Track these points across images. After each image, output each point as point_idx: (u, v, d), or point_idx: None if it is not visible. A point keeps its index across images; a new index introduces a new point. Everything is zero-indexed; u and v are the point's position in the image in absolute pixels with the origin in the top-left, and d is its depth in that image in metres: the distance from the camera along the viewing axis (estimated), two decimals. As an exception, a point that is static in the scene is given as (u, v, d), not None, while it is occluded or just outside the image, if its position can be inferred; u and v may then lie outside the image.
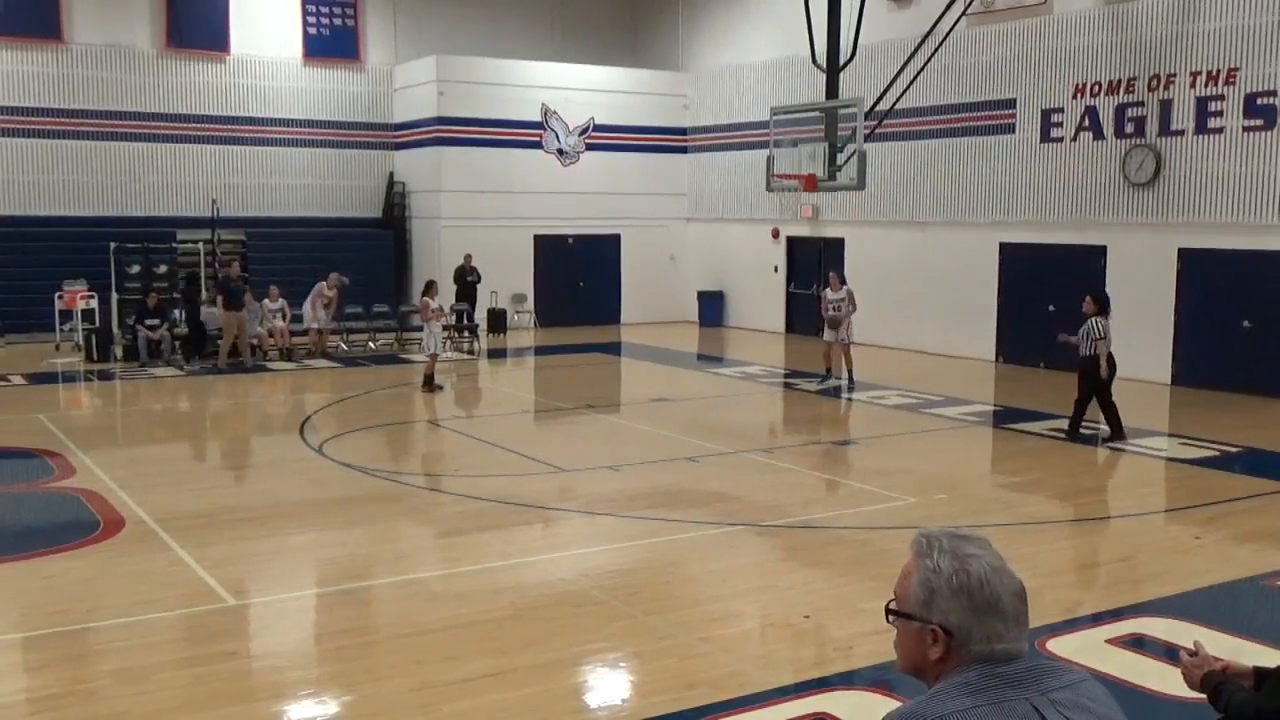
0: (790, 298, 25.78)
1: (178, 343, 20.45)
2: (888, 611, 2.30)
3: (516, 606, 7.76)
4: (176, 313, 21.14)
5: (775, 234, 25.79)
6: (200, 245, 23.69)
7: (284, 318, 21.30)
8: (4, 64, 23.27)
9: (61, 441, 13.25)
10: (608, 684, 6.76)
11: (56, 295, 21.51)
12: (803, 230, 25.11)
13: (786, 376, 19.82)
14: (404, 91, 26.80)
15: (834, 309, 18.18)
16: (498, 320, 25.36)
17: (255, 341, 20.80)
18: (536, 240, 26.70)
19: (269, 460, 13.26)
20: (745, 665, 6.82)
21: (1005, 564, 2.24)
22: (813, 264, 24.97)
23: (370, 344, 22.89)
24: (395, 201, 27.09)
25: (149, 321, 20.12)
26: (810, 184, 18.53)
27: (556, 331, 25.81)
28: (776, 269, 25.91)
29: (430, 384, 17.17)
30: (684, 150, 28.26)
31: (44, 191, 23.79)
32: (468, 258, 24.28)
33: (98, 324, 21.04)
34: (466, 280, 24.06)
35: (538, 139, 26.55)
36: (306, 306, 21.76)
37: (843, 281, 18.68)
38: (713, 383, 19.34)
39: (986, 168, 20.74)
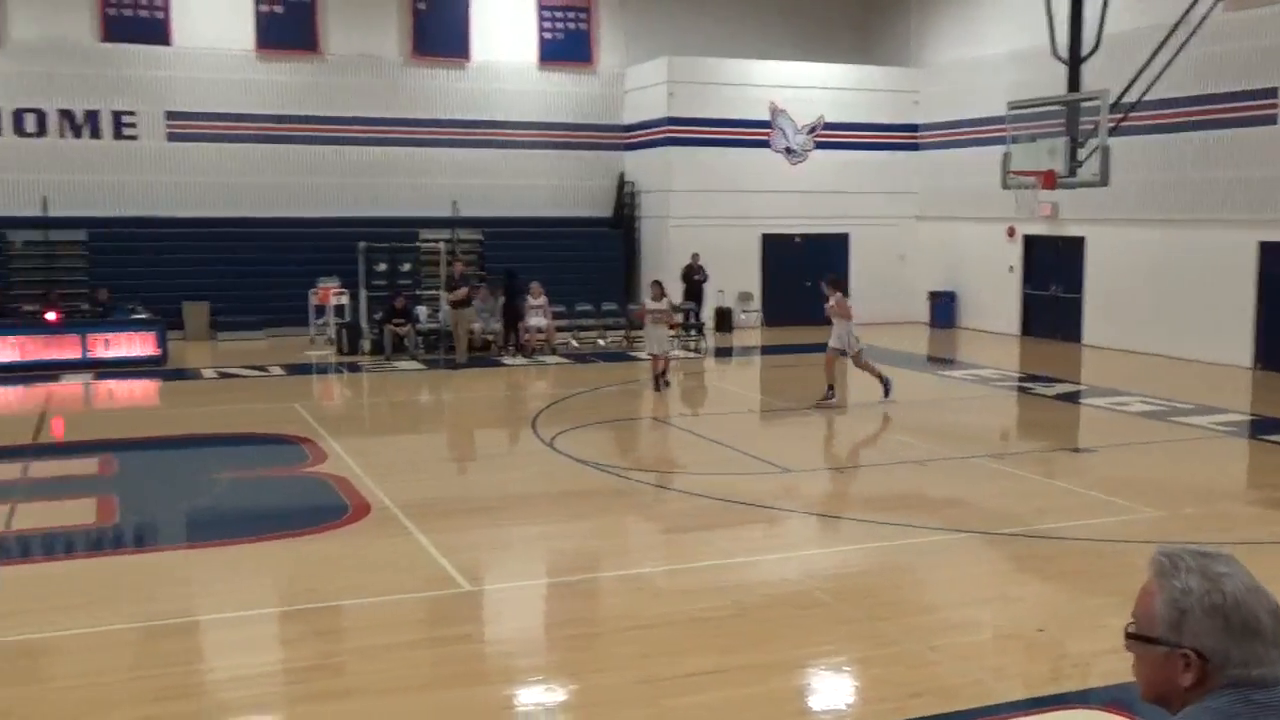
0: (1026, 298, 24.88)
1: (421, 338, 21.40)
2: (1128, 635, 2.18)
3: (741, 605, 7.79)
4: (419, 309, 22.13)
5: (1011, 233, 24.93)
6: (441, 244, 24.73)
7: (545, 314, 21.97)
8: (269, 74, 24.92)
9: (314, 429, 14.08)
10: (831, 687, 6.71)
11: (311, 292, 22.88)
12: (1040, 229, 24.20)
13: (1021, 380, 19.14)
14: (635, 93, 27.24)
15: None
16: (724, 319, 25.47)
17: (491, 337, 21.58)
18: (764, 239, 26.67)
19: (503, 452, 13.74)
20: (975, 676, 6.64)
21: (1259, 582, 2.10)
22: (1051, 264, 24.05)
23: (599, 341, 23.37)
24: (625, 201, 27.58)
25: (396, 319, 21.16)
26: (1049, 181, 17.82)
27: (783, 330, 25.71)
28: (1011, 269, 25.05)
29: (659, 384, 17.31)
30: (915, 147, 27.67)
31: (301, 194, 25.33)
32: (695, 256, 24.48)
33: (348, 319, 22.28)
34: (693, 279, 24.26)
35: (766, 138, 26.52)
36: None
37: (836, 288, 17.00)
38: (942, 385, 18.88)
39: (1243, 162, 19.46)
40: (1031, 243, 24.64)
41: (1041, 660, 7.05)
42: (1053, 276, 24.10)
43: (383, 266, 24.01)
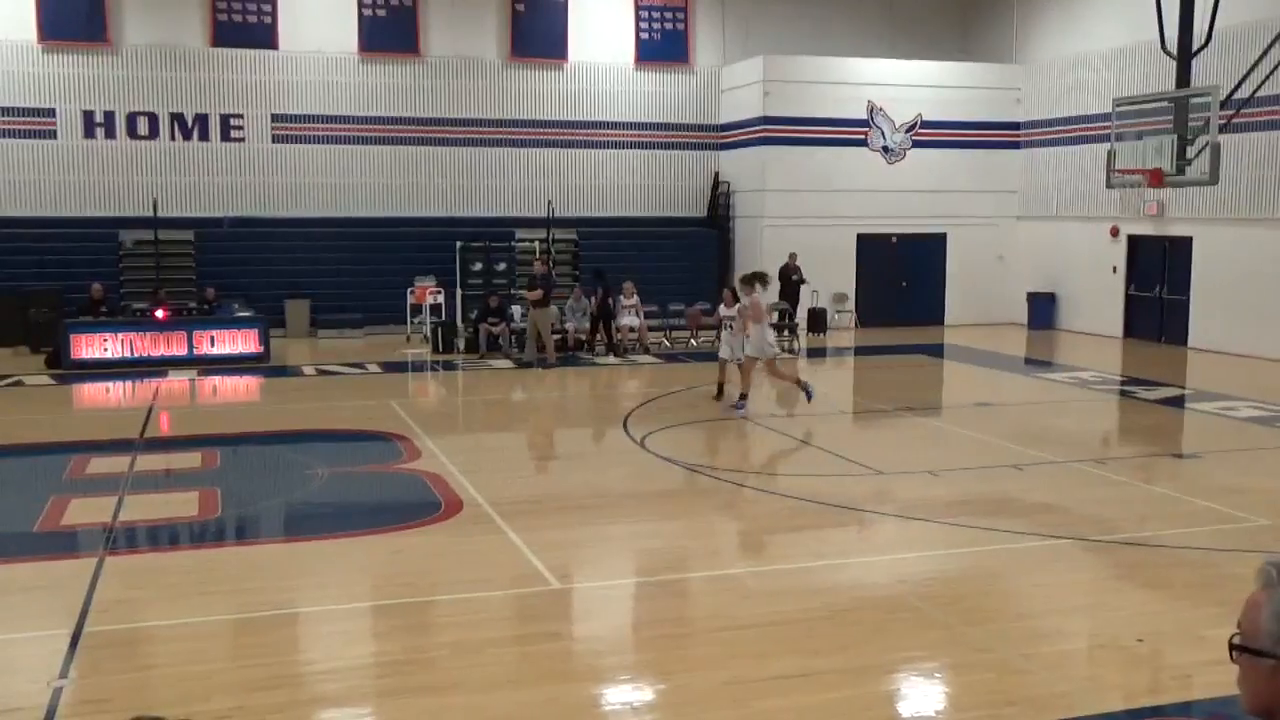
0: (1130, 300, 24.26)
1: (515, 337, 21.59)
2: (1232, 647, 2.12)
3: (830, 608, 7.72)
4: (513, 309, 22.33)
5: (1115, 232, 24.35)
6: (536, 244, 24.95)
7: (638, 314, 22.04)
8: (370, 77, 25.38)
9: (409, 426, 14.30)
10: (921, 693, 6.61)
11: (408, 290, 23.25)
12: (1146, 229, 23.58)
13: (1122, 384, 18.67)
14: (730, 92, 27.17)
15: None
16: (818, 320, 25.27)
17: (583, 336, 21.70)
18: (859, 239, 26.41)
19: (593, 451, 13.79)
20: (1070, 686, 6.50)
21: None
22: (1156, 264, 23.43)
23: (692, 341, 23.35)
24: (720, 201, 27.53)
25: (491, 319, 21.39)
26: (1156, 179, 17.39)
27: (877, 332, 25.45)
28: (1115, 269, 24.46)
29: (721, 392, 16.23)
30: (1016, 145, 27.16)
31: (400, 194, 25.77)
32: (792, 256, 24.34)
33: (443, 318, 22.59)
34: (791, 279, 24.12)
35: (863, 137, 26.26)
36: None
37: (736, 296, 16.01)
38: (1041, 388, 18.50)
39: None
40: (1136, 243, 24.03)
41: (1141, 671, 6.86)
42: (1158, 277, 23.47)
43: (478, 266, 24.29)
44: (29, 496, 10.85)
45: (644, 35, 26.97)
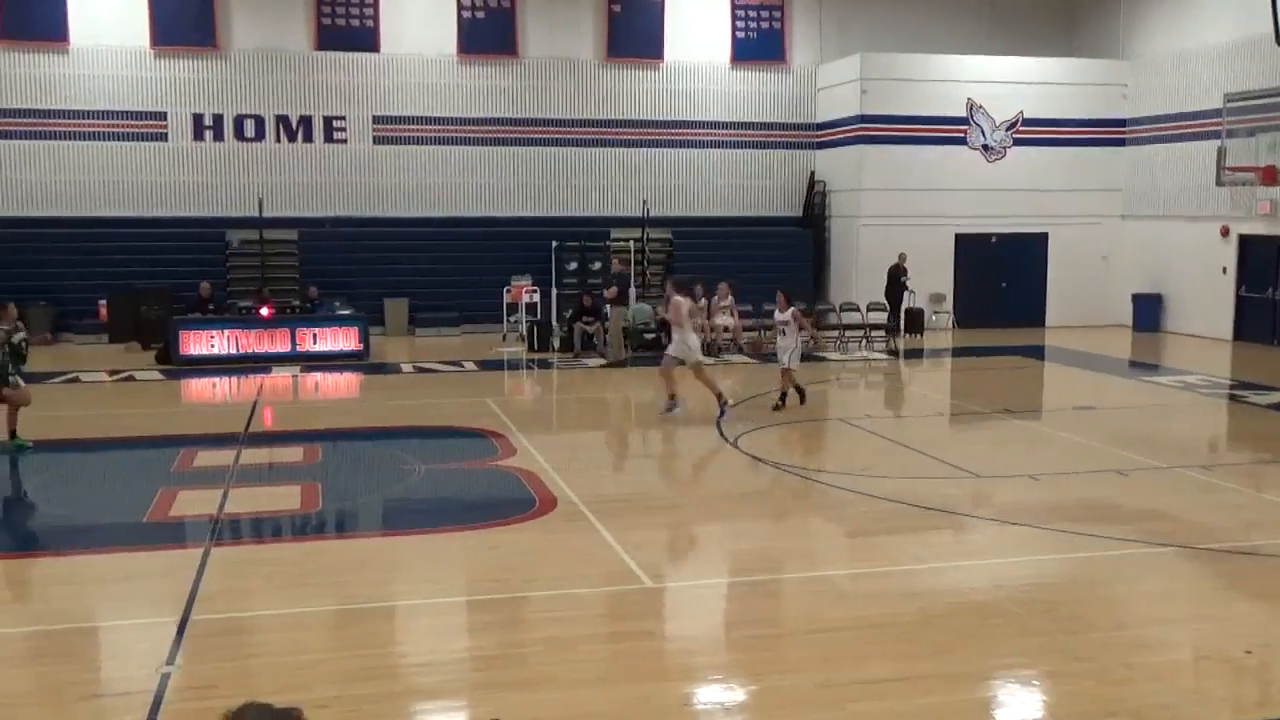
0: (1240, 301, 23.54)
1: (607, 335, 21.69)
2: None
3: (926, 613, 7.62)
4: (608, 308, 22.42)
5: (1225, 232, 23.64)
6: (630, 244, 25.03)
7: (733, 314, 22.01)
8: (469, 78, 25.71)
9: (505, 423, 14.45)
10: (1018, 701, 6.49)
11: (504, 289, 23.50)
12: (1258, 228, 22.85)
13: (1232, 388, 18.13)
14: (827, 91, 26.96)
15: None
16: (915, 321, 24.96)
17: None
18: (957, 239, 26.02)
19: (687, 450, 13.79)
20: (1174, 698, 6.33)
21: None
22: (1269, 265, 22.70)
23: (786, 341, 23.19)
24: (815, 201, 27.33)
25: (585, 318, 21.51)
26: (1269, 177, 16.86)
27: (975, 333, 25.05)
28: (1225, 270, 23.75)
29: (784, 401, 15.64)
30: (1121, 143, 26.52)
31: (498, 194, 26.04)
32: (902, 257, 24.11)
33: (539, 317, 22.78)
34: (900, 280, 23.90)
35: (962, 135, 25.88)
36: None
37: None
38: (1146, 392, 18.03)
39: None
40: (1247, 243, 23.31)
41: (1249, 684, 6.66)
42: (1271, 278, 22.72)
43: (573, 265, 24.45)
44: (139, 488, 11.19)
45: (740, 34, 26.91)
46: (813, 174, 27.50)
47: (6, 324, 12.61)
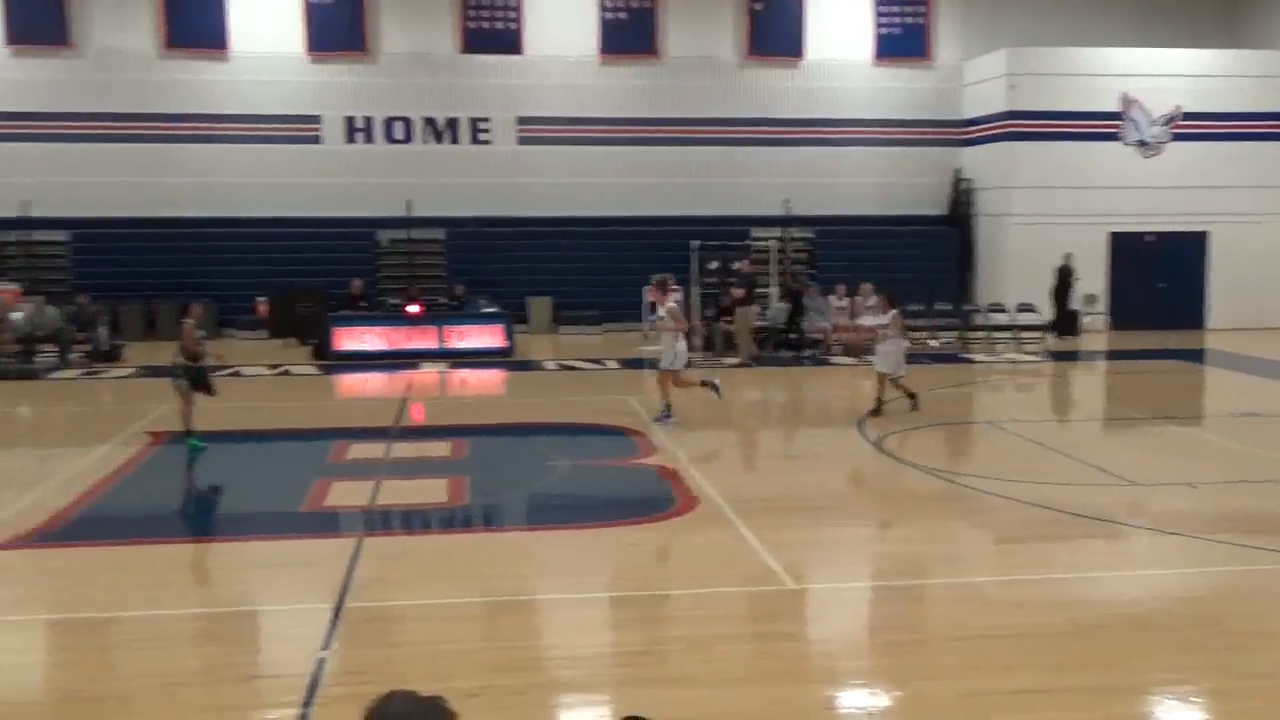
0: None
1: (750, 334, 21.62)
2: None
3: (1077, 623, 7.40)
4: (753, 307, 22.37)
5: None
6: (770, 243, 24.89)
7: (876, 314, 21.72)
8: (611, 79, 25.93)
9: (645, 422, 14.53)
10: (1178, 718, 6.26)
11: (645, 288, 23.60)
12: None
13: None
14: (973, 87, 26.40)
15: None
16: (1068, 322, 24.20)
17: (820, 336, 21.54)
18: (1111, 238, 25.18)
19: (828, 451, 13.64)
20: (1347, 721, 6.02)
21: None
22: None
23: (931, 342, 22.80)
24: (961, 199, 26.78)
25: (726, 317, 21.48)
26: None
27: (1131, 335, 24.19)
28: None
29: (879, 408, 14.84)
30: (1289, 137, 25.32)
31: (639, 193, 26.16)
32: (1068, 257, 23.56)
33: (679, 315, 22.81)
34: (1069, 281, 23.38)
35: (1115, 130, 25.03)
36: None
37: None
38: (1315, 398, 17.18)
39: None
40: None
41: None
42: None
43: (714, 264, 24.43)
44: (296, 478, 11.59)
45: (883, 30, 26.55)
46: (958, 171, 26.95)
47: (190, 341, 12.91)
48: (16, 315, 20.58)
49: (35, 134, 24.36)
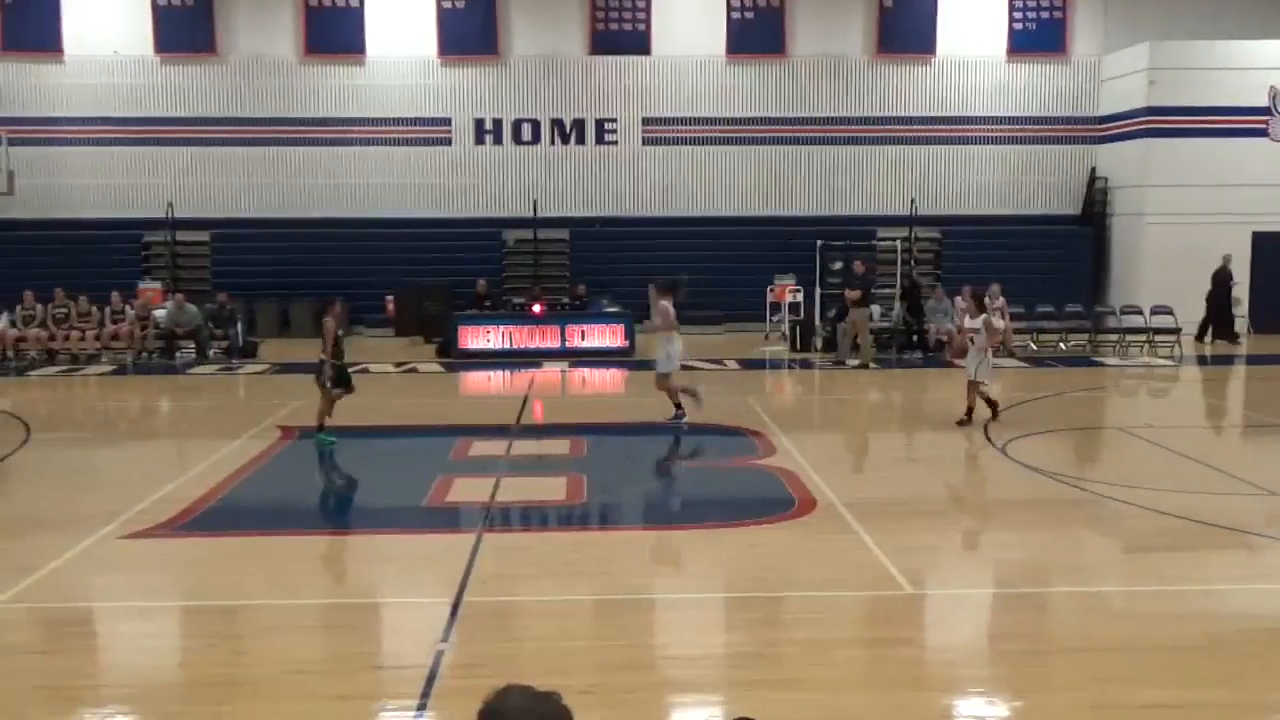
0: None
1: (873, 336, 21.34)
2: None
3: (1210, 637, 7.14)
4: (873, 308, 22.08)
5: None
6: (897, 243, 24.54)
7: (1004, 316, 21.28)
8: (736, 78, 25.88)
9: (765, 423, 14.47)
10: (1315, 740, 6.00)
11: (767, 289, 23.52)
12: None
13: None
14: (1110, 83, 25.63)
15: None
16: (1225, 327, 23.26)
17: (945, 338, 21.15)
18: (1255, 238, 24.18)
19: (950, 455, 13.40)
20: None
21: None
22: None
23: (1060, 345, 22.21)
24: (1096, 197, 26.02)
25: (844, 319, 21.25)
26: None
27: (1273, 339, 23.20)
28: None
29: (969, 417, 14.23)
30: None
31: (763, 192, 26.09)
32: (1227, 259, 22.84)
33: (802, 316, 22.68)
34: (1228, 285, 22.64)
35: (1263, 126, 24.04)
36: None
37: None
38: None
39: None
40: None
41: None
42: None
43: (838, 265, 24.17)
44: (420, 474, 11.83)
45: (1018, 25, 25.95)
46: (1093, 169, 26.19)
47: (329, 339, 13.19)
48: (159, 312, 21.49)
49: (179, 138, 25.37)
